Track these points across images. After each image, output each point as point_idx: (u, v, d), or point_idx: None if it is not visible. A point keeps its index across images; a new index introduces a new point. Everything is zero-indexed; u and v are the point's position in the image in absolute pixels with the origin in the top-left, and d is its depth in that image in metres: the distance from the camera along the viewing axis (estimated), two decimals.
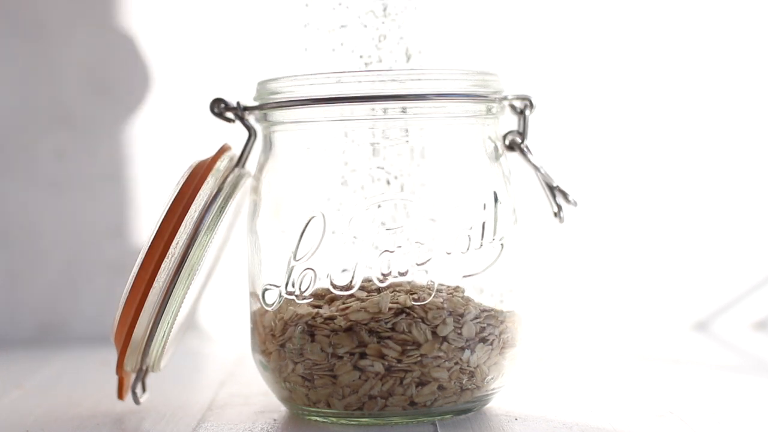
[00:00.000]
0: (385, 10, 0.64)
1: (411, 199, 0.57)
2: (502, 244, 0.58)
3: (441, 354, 0.56)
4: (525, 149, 0.61)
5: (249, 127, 0.60)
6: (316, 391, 0.57)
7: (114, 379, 0.62)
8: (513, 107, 0.61)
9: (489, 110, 0.59)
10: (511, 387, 0.64)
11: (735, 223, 0.91)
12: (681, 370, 0.73)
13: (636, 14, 0.90)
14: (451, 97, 0.58)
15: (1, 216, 0.90)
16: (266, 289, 0.58)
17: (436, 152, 0.58)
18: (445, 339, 0.56)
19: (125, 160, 0.89)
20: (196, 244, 0.56)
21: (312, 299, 0.57)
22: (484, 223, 0.58)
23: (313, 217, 0.57)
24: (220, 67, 0.89)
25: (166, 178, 0.88)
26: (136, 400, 0.61)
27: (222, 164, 0.58)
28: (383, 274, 0.56)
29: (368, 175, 0.58)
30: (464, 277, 0.57)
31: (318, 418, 0.58)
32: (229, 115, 0.60)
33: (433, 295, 0.56)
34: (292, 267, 0.57)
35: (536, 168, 0.61)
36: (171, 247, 0.55)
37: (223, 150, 0.59)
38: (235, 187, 0.58)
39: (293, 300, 0.57)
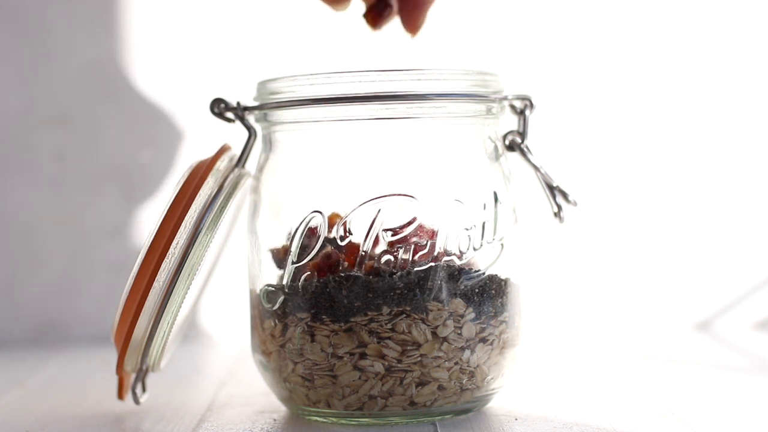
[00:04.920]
0: None
1: (410, 199, 0.56)
2: (502, 244, 0.58)
3: (441, 354, 0.56)
4: (525, 149, 0.61)
5: (249, 127, 0.60)
6: (316, 391, 0.57)
7: (114, 379, 0.62)
8: (513, 107, 0.61)
9: (489, 110, 0.59)
10: (511, 387, 0.64)
11: (736, 223, 0.91)
12: (682, 370, 0.73)
13: (636, 14, 0.90)
14: (451, 97, 0.58)
15: (1, 216, 0.90)
16: (266, 290, 0.58)
17: (436, 152, 0.58)
18: (445, 339, 0.56)
19: (125, 160, 0.89)
20: (196, 244, 0.56)
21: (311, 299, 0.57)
22: (484, 223, 0.58)
23: (313, 217, 0.57)
24: (220, 67, 0.89)
25: (166, 178, 0.88)
26: (136, 400, 0.61)
27: (222, 164, 0.58)
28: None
29: (368, 176, 0.58)
30: (464, 277, 0.57)
31: (318, 418, 0.58)
32: (229, 115, 0.60)
33: (434, 294, 0.56)
34: (293, 267, 0.57)
35: (536, 168, 0.61)
36: (171, 247, 0.55)
37: (223, 150, 0.59)
38: (235, 187, 0.58)
39: (293, 299, 0.57)
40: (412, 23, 0.65)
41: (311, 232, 0.57)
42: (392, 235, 0.56)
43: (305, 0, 0.88)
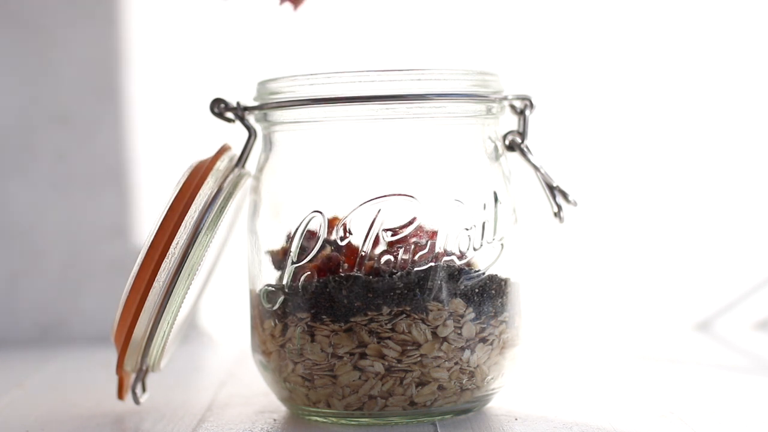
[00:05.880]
0: None
1: (410, 199, 0.56)
2: (502, 244, 0.58)
3: (441, 354, 0.56)
4: (525, 149, 0.61)
5: (249, 127, 0.60)
6: (316, 391, 0.57)
7: (114, 379, 0.62)
8: (513, 107, 0.61)
9: (489, 110, 0.59)
10: (511, 387, 0.64)
11: (737, 223, 0.91)
12: (682, 370, 0.73)
13: (636, 14, 0.90)
14: (451, 97, 0.58)
15: (1, 216, 0.90)
16: (266, 290, 0.58)
17: (436, 152, 0.58)
18: (445, 339, 0.56)
19: (125, 160, 0.89)
20: (196, 243, 0.56)
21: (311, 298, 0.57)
22: (484, 223, 0.58)
23: (312, 218, 0.57)
24: (220, 67, 0.89)
25: (166, 178, 0.88)
26: (136, 400, 0.61)
27: (222, 164, 0.58)
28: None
29: (368, 176, 0.58)
30: (464, 277, 0.57)
31: (318, 418, 0.58)
32: (229, 115, 0.60)
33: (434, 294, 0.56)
34: (293, 267, 0.57)
35: (536, 168, 0.61)
36: (171, 247, 0.55)
37: (223, 150, 0.59)
38: (235, 187, 0.58)
39: (293, 299, 0.57)
40: None
41: (311, 234, 0.57)
42: (392, 235, 0.56)
43: (305, 1, 0.88)
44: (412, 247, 0.56)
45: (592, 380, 0.69)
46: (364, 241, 0.56)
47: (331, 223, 0.57)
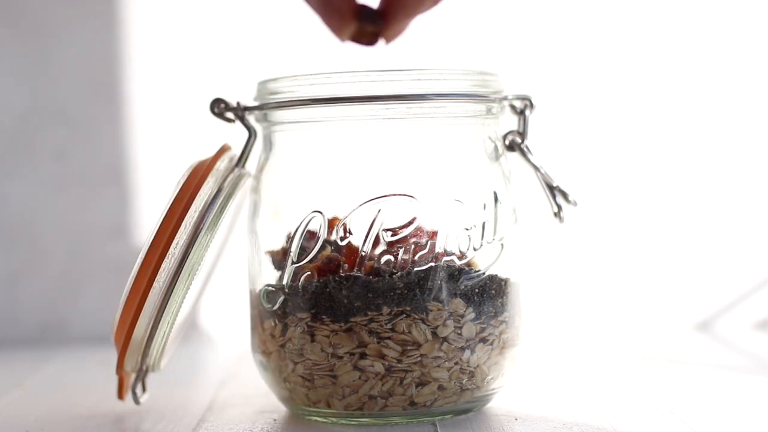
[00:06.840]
0: None
1: (410, 199, 0.56)
2: (502, 244, 0.58)
3: (441, 354, 0.56)
4: (525, 149, 0.61)
5: (249, 127, 0.60)
6: (316, 391, 0.57)
7: (114, 379, 0.62)
8: (513, 107, 0.61)
9: (489, 110, 0.59)
10: (511, 387, 0.64)
11: (737, 223, 0.91)
12: (682, 370, 0.73)
13: (636, 14, 0.90)
14: (451, 97, 0.58)
15: (1, 216, 0.90)
16: (266, 290, 0.58)
17: (436, 152, 0.58)
18: (445, 339, 0.56)
19: (125, 160, 0.89)
20: (196, 244, 0.56)
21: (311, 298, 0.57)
22: (484, 223, 0.58)
23: (312, 218, 0.57)
24: (220, 67, 0.89)
25: (166, 178, 0.88)
26: (136, 400, 0.61)
27: (222, 164, 0.58)
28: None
29: (368, 176, 0.58)
30: (464, 277, 0.57)
31: (318, 418, 0.58)
32: (229, 115, 0.60)
33: (434, 294, 0.56)
34: (293, 267, 0.57)
35: (536, 168, 0.61)
36: (171, 247, 0.55)
37: (223, 150, 0.59)
38: (235, 187, 0.58)
39: (293, 299, 0.57)
40: (391, 32, 0.63)
41: (311, 234, 0.57)
42: (392, 235, 0.56)
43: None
44: (412, 247, 0.56)
45: (592, 380, 0.69)
46: (364, 241, 0.56)
47: (331, 224, 0.57)
